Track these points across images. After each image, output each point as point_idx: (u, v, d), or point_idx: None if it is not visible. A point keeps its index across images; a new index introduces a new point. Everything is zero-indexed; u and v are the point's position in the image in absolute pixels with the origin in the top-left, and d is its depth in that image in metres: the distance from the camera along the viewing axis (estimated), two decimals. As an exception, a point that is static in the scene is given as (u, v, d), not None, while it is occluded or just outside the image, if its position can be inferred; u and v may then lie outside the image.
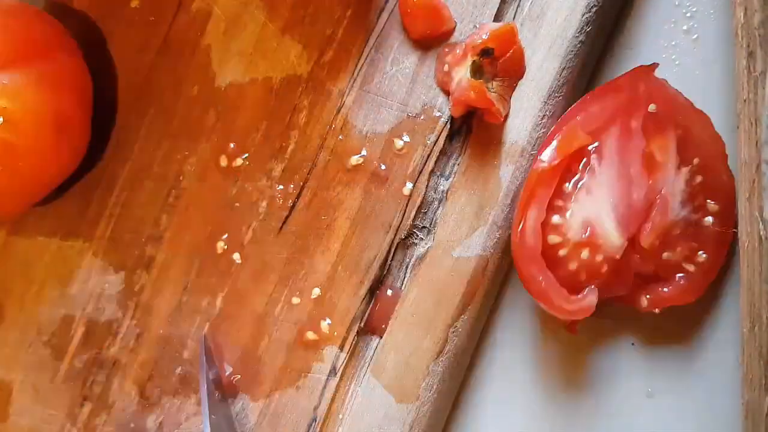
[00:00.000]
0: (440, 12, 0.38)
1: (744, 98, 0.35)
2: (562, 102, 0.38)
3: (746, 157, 0.35)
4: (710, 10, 0.39)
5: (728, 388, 0.38)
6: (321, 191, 0.39)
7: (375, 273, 0.38)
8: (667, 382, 0.38)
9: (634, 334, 0.39)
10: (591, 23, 0.38)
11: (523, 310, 0.40)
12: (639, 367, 0.39)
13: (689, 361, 0.38)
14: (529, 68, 0.38)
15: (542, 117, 0.38)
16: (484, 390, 0.40)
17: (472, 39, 0.37)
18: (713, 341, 0.38)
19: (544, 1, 0.38)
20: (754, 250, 0.34)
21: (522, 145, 0.38)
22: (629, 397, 0.39)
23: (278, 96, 0.40)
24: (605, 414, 0.39)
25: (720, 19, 0.39)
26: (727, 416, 0.37)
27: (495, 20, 0.38)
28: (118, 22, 0.41)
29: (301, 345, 0.38)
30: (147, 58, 0.41)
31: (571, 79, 0.38)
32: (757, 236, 0.34)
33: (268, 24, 0.40)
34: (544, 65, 0.38)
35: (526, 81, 0.38)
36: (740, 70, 0.36)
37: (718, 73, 0.39)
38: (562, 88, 0.38)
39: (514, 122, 0.38)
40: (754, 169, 0.34)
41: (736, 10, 0.36)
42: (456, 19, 0.39)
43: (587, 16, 0.38)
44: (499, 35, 0.37)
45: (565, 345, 0.39)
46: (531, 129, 0.38)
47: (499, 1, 0.38)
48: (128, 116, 0.41)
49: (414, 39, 0.39)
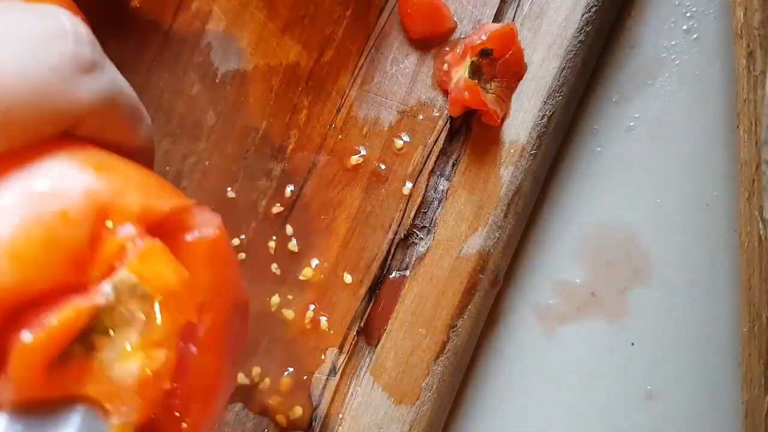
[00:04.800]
0: (440, 12, 0.38)
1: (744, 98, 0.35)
2: (562, 102, 0.38)
3: (746, 157, 0.35)
4: (710, 10, 0.39)
5: (728, 388, 0.38)
6: (321, 191, 0.39)
7: (375, 273, 0.38)
8: (667, 382, 0.38)
9: (634, 334, 0.39)
10: (591, 23, 0.38)
11: (524, 310, 0.40)
12: (639, 367, 0.39)
13: (689, 361, 0.38)
14: (529, 68, 0.38)
15: (542, 117, 0.38)
16: (484, 390, 0.40)
17: (471, 39, 0.37)
18: (713, 342, 0.38)
19: (544, 1, 0.38)
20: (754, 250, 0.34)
21: (522, 144, 0.38)
22: (629, 397, 0.39)
23: (278, 95, 0.40)
24: (605, 414, 0.39)
25: (720, 19, 0.39)
26: (727, 416, 0.37)
27: (495, 20, 0.38)
28: (117, 22, 0.41)
29: (301, 344, 0.38)
30: (147, 58, 0.41)
31: (571, 78, 0.38)
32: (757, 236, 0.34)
33: (268, 23, 0.40)
34: (544, 65, 0.38)
35: (526, 81, 0.38)
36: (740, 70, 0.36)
37: (718, 73, 0.39)
38: (562, 87, 0.38)
39: (514, 122, 0.38)
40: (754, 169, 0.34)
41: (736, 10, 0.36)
42: (456, 19, 0.39)
43: (587, 16, 0.38)
44: (498, 36, 0.37)
45: (565, 345, 0.39)
46: (531, 129, 0.38)
47: (499, 1, 0.38)
48: (128, 116, 0.41)
49: (414, 39, 0.39)
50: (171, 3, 0.41)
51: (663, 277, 0.39)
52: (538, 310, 0.40)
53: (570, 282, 0.40)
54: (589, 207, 0.40)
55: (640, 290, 0.39)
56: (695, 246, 0.39)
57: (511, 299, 0.40)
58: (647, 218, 0.39)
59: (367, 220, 0.38)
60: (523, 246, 0.40)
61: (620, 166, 0.40)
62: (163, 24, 0.41)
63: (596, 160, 0.40)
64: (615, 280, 0.39)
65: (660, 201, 0.39)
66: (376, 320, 0.38)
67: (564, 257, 0.40)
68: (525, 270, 0.40)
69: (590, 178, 0.40)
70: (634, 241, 0.40)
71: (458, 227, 0.38)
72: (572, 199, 0.40)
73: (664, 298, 0.39)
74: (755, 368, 0.34)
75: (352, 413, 0.37)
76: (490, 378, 0.40)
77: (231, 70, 0.40)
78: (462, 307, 0.37)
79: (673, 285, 0.39)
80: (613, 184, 0.40)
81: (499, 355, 0.40)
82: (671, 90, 0.40)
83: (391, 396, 0.37)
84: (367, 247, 0.38)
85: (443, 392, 0.38)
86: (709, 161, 0.39)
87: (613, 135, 0.40)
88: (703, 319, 0.38)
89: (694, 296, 0.39)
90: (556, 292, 0.40)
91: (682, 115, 0.40)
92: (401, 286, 0.38)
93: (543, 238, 0.40)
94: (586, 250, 0.40)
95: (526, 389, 0.39)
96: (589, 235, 0.40)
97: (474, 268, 0.37)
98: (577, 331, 0.39)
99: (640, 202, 0.40)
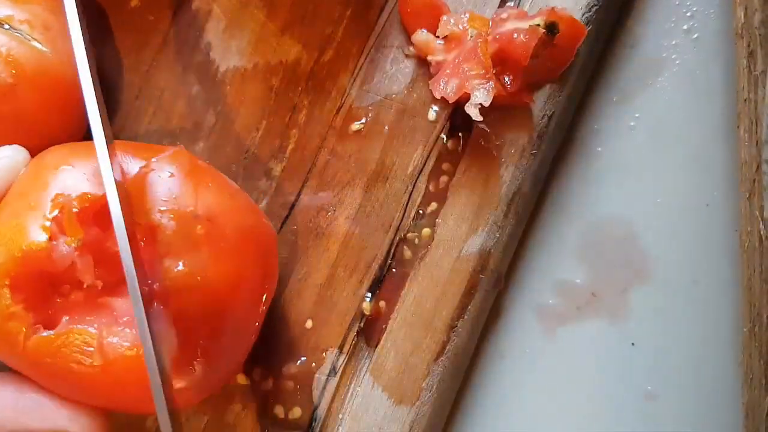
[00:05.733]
0: (440, 11, 0.38)
1: (744, 98, 0.35)
2: (562, 101, 0.38)
3: (746, 157, 0.35)
4: (710, 9, 0.39)
5: (728, 388, 0.38)
6: (321, 191, 0.39)
7: (375, 273, 0.38)
8: (667, 382, 0.38)
9: (634, 334, 0.39)
10: (591, 23, 0.38)
11: (524, 310, 0.40)
12: (639, 367, 0.39)
13: (689, 361, 0.38)
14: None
15: (542, 116, 0.38)
16: (484, 390, 0.40)
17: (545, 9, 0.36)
18: (713, 342, 0.38)
19: (544, 1, 0.38)
20: (754, 250, 0.34)
21: (522, 144, 0.38)
22: (629, 397, 0.39)
23: (278, 95, 0.40)
24: (605, 414, 0.39)
25: (720, 18, 0.39)
26: (727, 416, 0.37)
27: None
28: (117, 21, 0.41)
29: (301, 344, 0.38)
30: (146, 57, 0.41)
31: (572, 78, 0.38)
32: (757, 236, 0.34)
33: (268, 23, 0.40)
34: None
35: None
36: (740, 70, 0.36)
37: (718, 72, 0.39)
38: (562, 87, 0.38)
39: (513, 122, 0.38)
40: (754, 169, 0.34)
41: (737, 10, 0.36)
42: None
43: (587, 15, 0.38)
44: (570, 24, 0.36)
45: (565, 345, 0.39)
46: (531, 128, 0.38)
47: (499, 1, 0.38)
48: (128, 115, 0.41)
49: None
50: (171, 3, 0.41)
51: (663, 277, 0.39)
52: (538, 310, 0.40)
53: (570, 282, 0.40)
54: (590, 207, 0.40)
55: (641, 290, 0.39)
56: (695, 246, 0.39)
57: (511, 299, 0.40)
58: (647, 218, 0.39)
59: (367, 220, 0.38)
60: (523, 246, 0.40)
61: (620, 166, 0.40)
62: (163, 24, 0.41)
63: (597, 160, 0.40)
64: (615, 280, 0.39)
65: (660, 201, 0.39)
66: (376, 320, 0.38)
67: (564, 257, 0.40)
68: (525, 270, 0.40)
69: (590, 178, 0.40)
70: (634, 241, 0.40)
71: (458, 227, 0.38)
72: (572, 199, 0.40)
73: (665, 298, 0.39)
74: (755, 368, 0.34)
75: (352, 413, 0.37)
76: (490, 378, 0.40)
77: (231, 69, 0.40)
78: (462, 308, 0.37)
79: (674, 285, 0.39)
80: (614, 184, 0.40)
81: (499, 355, 0.40)
82: (671, 90, 0.40)
83: (391, 396, 0.37)
84: (367, 247, 0.38)
85: (443, 392, 0.38)
86: (710, 161, 0.39)
87: (613, 135, 0.40)
88: (703, 319, 0.38)
89: (694, 296, 0.39)
90: (556, 292, 0.40)
91: (683, 115, 0.40)
92: (401, 286, 0.38)
93: (543, 238, 0.40)
94: (586, 250, 0.40)
95: (526, 389, 0.39)
96: (590, 235, 0.40)
97: (474, 268, 0.37)
98: (577, 331, 0.39)
99: (640, 202, 0.40)
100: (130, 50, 0.41)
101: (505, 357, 0.40)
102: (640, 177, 0.40)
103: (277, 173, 0.39)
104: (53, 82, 0.35)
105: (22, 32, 0.34)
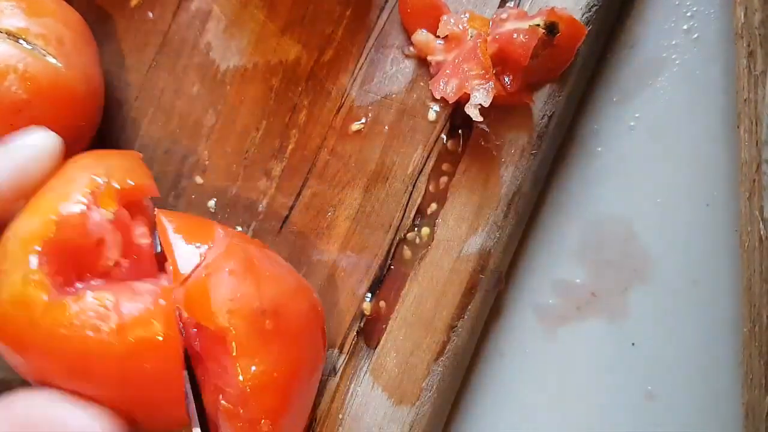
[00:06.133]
0: (440, 11, 0.38)
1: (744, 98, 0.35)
2: (562, 101, 0.38)
3: (746, 157, 0.35)
4: (710, 9, 0.39)
5: (728, 388, 0.38)
6: (321, 191, 0.39)
7: (375, 273, 0.38)
8: (667, 382, 0.38)
9: (634, 334, 0.39)
10: (591, 23, 0.38)
11: (524, 309, 0.40)
12: (639, 367, 0.39)
13: (689, 361, 0.38)
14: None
15: (542, 116, 0.38)
16: (484, 390, 0.40)
17: (544, 9, 0.36)
18: (713, 342, 0.38)
19: (544, 1, 0.38)
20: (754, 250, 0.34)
21: (522, 144, 0.38)
22: (629, 397, 0.39)
23: (278, 95, 0.40)
24: (605, 414, 0.39)
25: (720, 18, 0.39)
26: (727, 416, 0.37)
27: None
28: (117, 21, 0.41)
29: (301, 345, 0.38)
30: (146, 57, 0.41)
31: (572, 78, 0.38)
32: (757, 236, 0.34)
33: (268, 23, 0.40)
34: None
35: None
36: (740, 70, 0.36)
37: (718, 72, 0.39)
38: (562, 87, 0.38)
39: (513, 122, 0.38)
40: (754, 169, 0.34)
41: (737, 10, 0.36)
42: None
43: (587, 15, 0.38)
44: (570, 24, 0.36)
45: (565, 345, 0.39)
46: (531, 128, 0.38)
47: (499, 1, 0.38)
48: (128, 115, 0.41)
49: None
50: (171, 3, 0.41)
51: (663, 277, 0.39)
52: (538, 310, 0.40)
53: (570, 282, 0.40)
54: (589, 207, 0.40)
55: (641, 290, 0.39)
56: (695, 246, 0.39)
57: (511, 299, 0.40)
58: (647, 218, 0.39)
59: (367, 220, 0.38)
60: (523, 246, 0.40)
61: (621, 165, 0.40)
62: (163, 24, 0.41)
63: (597, 159, 0.40)
64: (615, 280, 0.39)
65: (660, 201, 0.39)
66: (376, 320, 0.38)
67: (564, 257, 0.40)
68: (525, 270, 0.40)
69: (590, 178, 0.40)
70: (634, 241, 0.40)
71: (458, 227, 0.38)
72: (572, 199, 0.40)
73: (665, 298, 0.39)
74: (755, 368, 0.34)
75: (352, 414, 0.37)
76: (490, 378, 0.40)
77: (231, 69, 0.40)
78: (462, 308, 0.37)
79: (674, 285, 0.39)
80: (614, 184, 0.40)
81: (499, 355, 0.40)
82: (671, 90, 0.40)
83: (391, 396, 0.37)
84: (367, 247, 0.38)
85: (443, 392, 0.38)
86: (710, 161, 0.39)
87: (613, 135, 0.40)
88: (703, 319, 0.38)
89: (694, 296, 0.39)
90: (556, 292, 0.40)
91: (683, 115, 0.40)
92: (401, 286, 0.38)
93: (543, 238, 0.40)
94: (586, 250, 0.40)
95: (526, 389, 0.39)
96: (589, 235, 0.40)
97: (474, 268, 0.37)
98: (577, 332, 0.39)
99: (640, 201, 0.40)
100: (130, 50, 0.41)
101: (505, 357, 0.40)
102: (640, 177, 0.40)
103: (277, 173, 0.39)
104: (66, 95, 0.35)
105: (38, 47, 0.34)
